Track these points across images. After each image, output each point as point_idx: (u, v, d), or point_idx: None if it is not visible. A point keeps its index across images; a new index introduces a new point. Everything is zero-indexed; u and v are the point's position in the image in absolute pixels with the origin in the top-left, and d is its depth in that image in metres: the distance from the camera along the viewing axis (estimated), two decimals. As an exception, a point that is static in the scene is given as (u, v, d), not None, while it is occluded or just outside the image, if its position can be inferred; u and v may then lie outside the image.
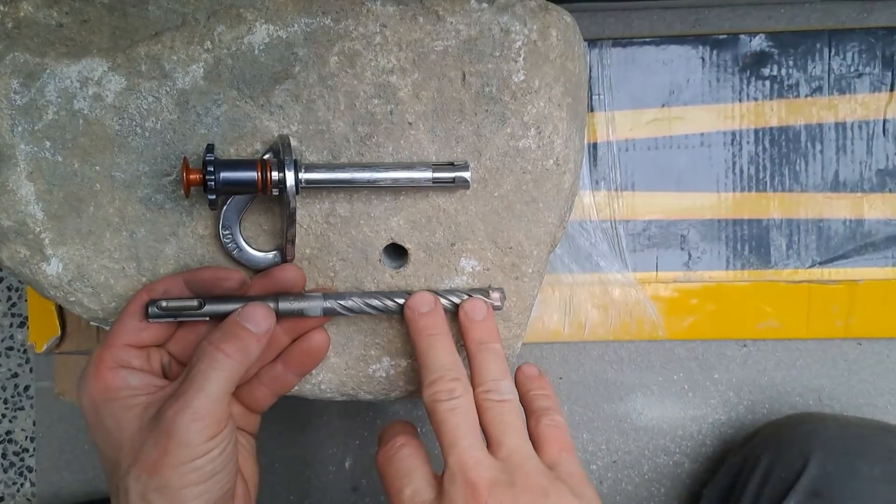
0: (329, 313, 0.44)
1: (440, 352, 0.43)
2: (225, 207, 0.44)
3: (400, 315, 0.45)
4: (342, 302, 0.44)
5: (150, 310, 0.42)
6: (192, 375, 0.40)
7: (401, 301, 0.45)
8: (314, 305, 0.44)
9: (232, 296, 0.43)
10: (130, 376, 0.41)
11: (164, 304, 0.42)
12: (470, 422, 0.41)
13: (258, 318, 0.42)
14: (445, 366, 0.42)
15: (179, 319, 0.43)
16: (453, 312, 0.46)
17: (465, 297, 0.45)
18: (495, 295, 0.46)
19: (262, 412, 0.47)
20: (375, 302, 0.44)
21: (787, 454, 0.56)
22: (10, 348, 0.74)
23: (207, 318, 0.43)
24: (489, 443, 0.41)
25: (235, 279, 0.44)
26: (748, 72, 0.63)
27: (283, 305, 0.43)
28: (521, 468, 0.39)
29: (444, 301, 0.45)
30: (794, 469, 0.55)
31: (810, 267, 0.64)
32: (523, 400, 0.45)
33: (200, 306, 0.43)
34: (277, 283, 0.44)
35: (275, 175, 0.41)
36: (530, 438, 0.42)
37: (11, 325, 0.74)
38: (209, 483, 0.39)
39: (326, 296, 0.44)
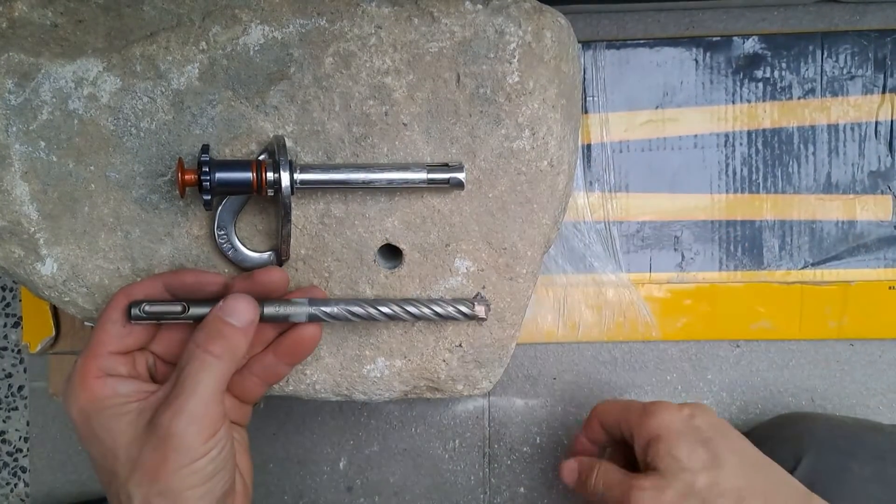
0: (314, 320, 0.44)
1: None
2: (220, 208, 0.44)
3: (387, 321, 0.45)
4: (325, 309, 0.44)
5: (132, 311, 0.42)
6: (183, 378, 0.39)
7: (384, 309, 0.45)
8: (299, 312, 0.43)
9: (215, 298, 0.43)
10: (119, 384, 0.41)
11: (146, 308, 0.42)
12: None
13: (241, 311, 0.41)
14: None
15: (162, 322, 0.43)
16: (437, 321, 0.46)
17: (450, 308, 0.45)
18: (479, 308, 0.46)
19: (255, 403, 0.47)
20: (358, 310, 0.44)
21: (779, 454, 0.57)
22: (5, 348, 0.74)
23: (192, 322, 0.43)
24: None
25: (217, 283, 0.43)
26: (741, 74, 0.63)
27: (269, 311, 0.43)
28: None
29: (426, 310, 0.45)
30: (786, 468, 0.55)
31: (803, 268, 0.64)
32: None
33: (184, 311, 0.42)
34: (261, 286, 0.44)
35: (270, 176, 0.41)
36: None
37: (6, 326, 0.74)
38: (211, 483, 0.39)
39: (312, 301, 0.44)
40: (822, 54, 0.63)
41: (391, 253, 0.48)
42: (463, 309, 0.46)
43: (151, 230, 0.45)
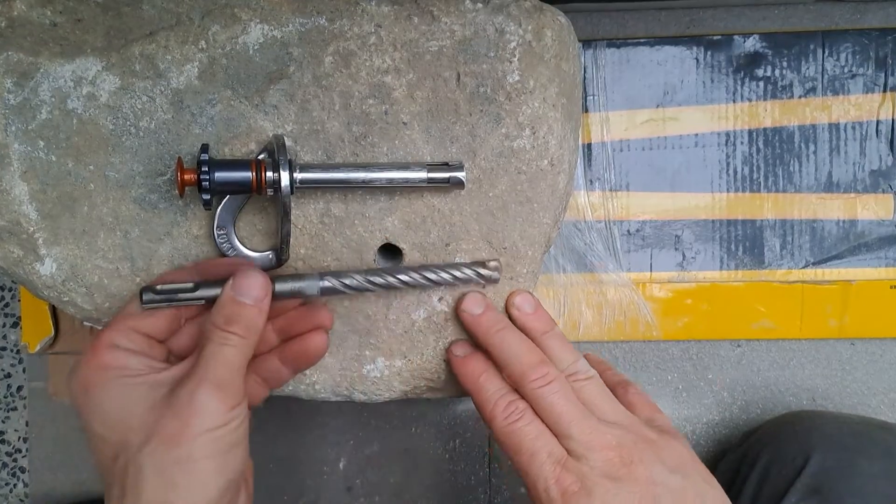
0: (328, 293, 0.43)
1: (517, 343, 0.45)
2: (220, 207, 0.44)
3: (400, 290, 0.45)
4: (340, 280, 0.43)
5: (143, 296, 0.41)
6: (205, 354, 0.40)
7: (402, 277, 0.44)
8: (311, 285, 0.43)
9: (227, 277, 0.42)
10: (129, 358, 0.41)
11: (158, 287, 0.41)
12: (574, 398, 0.43)
13: (253, 287, 0.41)
14: (529, 354, 0.44)
15: (174, 303, 0.42)
16: (455, 284, 0.46)
17: (467, 270, 0.46)
18: (493, 264, 0.46)
19: (257, 404, 0.47)
20: (378, 279, 0.44)
21: (788, 451, 0.57)
22: (4, 349, 0.74)
23: (203, 302, 0.42)
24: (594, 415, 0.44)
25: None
26: (742, 73, 0.63)
27: (279, 287, 0.42)
28: (633, 428, 0.44)
29: (445, 275, 0.45)
30: (795, 466, 0.55)
31: (804, 267, 0.64)
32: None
33: (195, 289, 0.42)
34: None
35: (269, 175, 0.41)
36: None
37: (5, 326, 0.73)
38: (227, 456, 0.39)
39: (324, 274, 0.43)
40: (823, 53, 0.63)
41: (391, 252, 0.48)
42: (481, 271, 0.46)
43: (151, 230, 0.45)
